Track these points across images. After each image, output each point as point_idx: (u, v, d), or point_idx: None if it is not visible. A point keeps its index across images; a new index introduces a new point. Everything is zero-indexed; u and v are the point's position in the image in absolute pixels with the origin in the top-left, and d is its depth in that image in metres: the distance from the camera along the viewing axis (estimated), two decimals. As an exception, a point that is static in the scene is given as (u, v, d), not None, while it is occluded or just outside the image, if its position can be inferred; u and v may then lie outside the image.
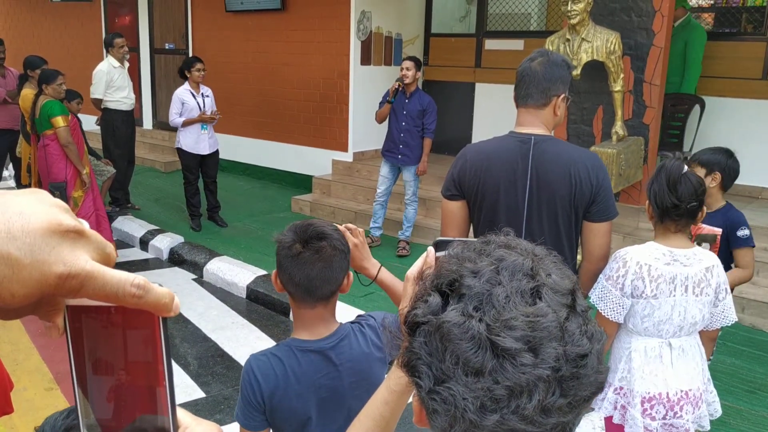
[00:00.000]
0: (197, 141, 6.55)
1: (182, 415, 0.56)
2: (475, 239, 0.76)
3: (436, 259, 1.03)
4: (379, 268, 1.71)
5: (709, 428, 2.48)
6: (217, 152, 6.79)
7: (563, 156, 2.21)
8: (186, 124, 6.47)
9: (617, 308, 2.32)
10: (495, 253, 0.70)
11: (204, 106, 6.54)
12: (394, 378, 1.06)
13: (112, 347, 0.51)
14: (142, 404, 0.52)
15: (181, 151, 6.62)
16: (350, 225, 1.70)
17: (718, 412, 2.50)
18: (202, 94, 6.59)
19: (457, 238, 1.08)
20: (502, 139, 2.29)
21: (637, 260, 2.29)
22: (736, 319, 2.46)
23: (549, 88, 2.21)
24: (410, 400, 0.79)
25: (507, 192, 2.22)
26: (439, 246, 1.05)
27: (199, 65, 6.51)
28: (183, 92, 6.53)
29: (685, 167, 2.31)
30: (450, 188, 2.33)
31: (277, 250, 1.62)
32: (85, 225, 0.49)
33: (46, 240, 0.45)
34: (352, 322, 1.75)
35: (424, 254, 1.05)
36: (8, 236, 0.44)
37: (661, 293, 2.28)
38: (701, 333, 2.47)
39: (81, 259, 0.47)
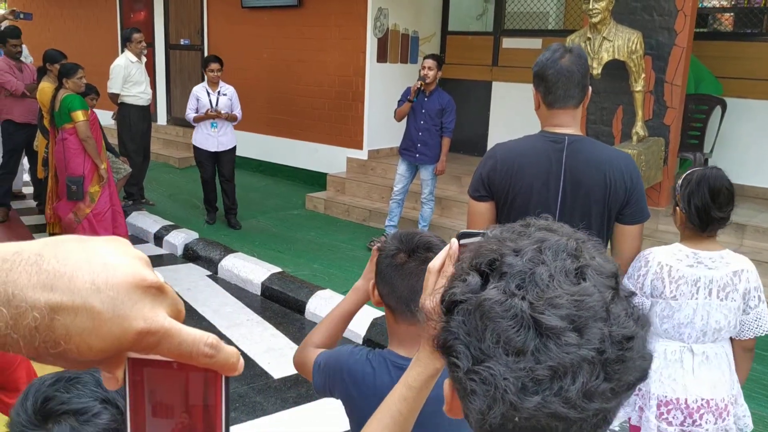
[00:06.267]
0: (206, 138, 6.57)
1: None
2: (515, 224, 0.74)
3: (460, 249, 1.00)
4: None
5: None
6: (231, 151, 6.69)
7: (598, 157, 2.16)
8: (196, 120, 6.52)
9: None
10: (536, 234, 0.68)
11: (216, 104, 6.52)
12: (413, 374, 1.04)
13: (173, 392, 0.50)
14: None
15: (193, 146, 6.73)
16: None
17: (749, 426, 2.41)
18: (219, 92, 6.57)
19: (480, 230, 1.04)
20: (533, 138, 2.23)
21: (659, 260, 2.27)
22: None
23: (585, 85, 2.17)
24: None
25: (539, 193, 2.17)
26: (462, 238, 1.02)
27: (213, 65, 6.48)
28: (199, 89, 6.58)
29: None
30: (479, 189, 2.25)
31: (378, 259, 1.50)
32: (161, 278, 0.48)
33: (130, 294, 0.45)
34: None
35: (447, 246, 1.02)
36: (93, 288, 0.44)
37: (681, 295, 2.24)
38: (734, 342, 2.38)
39: (160, 316, 0.46)
